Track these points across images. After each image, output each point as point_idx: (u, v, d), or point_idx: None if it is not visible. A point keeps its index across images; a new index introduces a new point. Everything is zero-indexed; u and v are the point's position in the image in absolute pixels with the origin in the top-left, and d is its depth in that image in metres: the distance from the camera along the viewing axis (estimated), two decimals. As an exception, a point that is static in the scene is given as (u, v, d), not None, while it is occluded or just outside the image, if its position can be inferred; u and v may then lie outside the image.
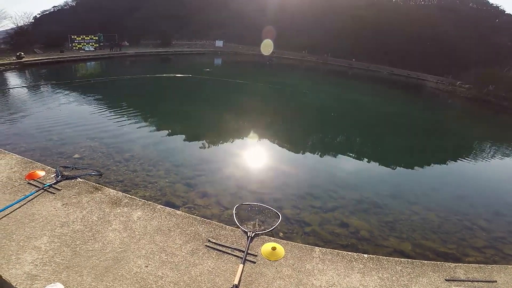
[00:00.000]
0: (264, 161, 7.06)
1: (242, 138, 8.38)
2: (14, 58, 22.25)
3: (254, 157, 7.21)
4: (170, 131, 8.46)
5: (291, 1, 51.25)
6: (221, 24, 47.87)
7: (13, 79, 16.70)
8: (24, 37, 30.82)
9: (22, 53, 23.04)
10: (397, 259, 2.96)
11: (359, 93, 20.99)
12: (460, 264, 3.03)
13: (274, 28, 44.85)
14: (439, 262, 2.98)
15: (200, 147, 7.52)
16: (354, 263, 2.82)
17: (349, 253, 2.98)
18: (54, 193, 3.57)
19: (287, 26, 46.66)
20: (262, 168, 6.63)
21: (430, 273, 2.83)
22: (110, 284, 2.34)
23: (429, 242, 4.27)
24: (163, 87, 16.13)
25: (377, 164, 7.53)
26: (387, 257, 2.98)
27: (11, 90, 12.80)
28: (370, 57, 40.84)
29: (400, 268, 2.81)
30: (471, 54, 38.27)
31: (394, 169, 7.33)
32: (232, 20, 46.68)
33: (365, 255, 2.95)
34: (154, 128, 8.63)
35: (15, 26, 33.32)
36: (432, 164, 8.23)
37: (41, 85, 14.19)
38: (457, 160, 8.79)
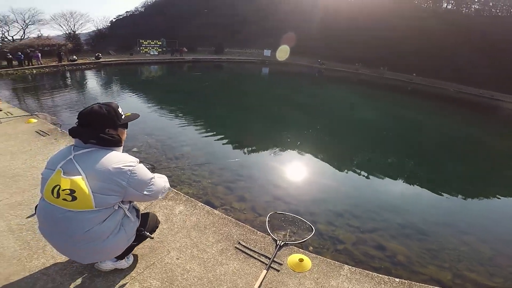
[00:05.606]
0: (304, 173, 7.03)
1: (285, 149, 8.44)
2: (93, 58, 26.10)
3: (295, 168, 7.22)
4: (218, 135, 8.91)
5: (344, 11, 49.88)
6: (269, 33, 48.76)
7: (92, 76, 19.12)
8: (103, 40, 35.75)
9: (100, 54, 26.79)
10: (431, 287, 2.76)
11: (418, 111, 19.61)
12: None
13: (324, 39, 44.09)
14: (476, 295, 2.73)
15: (243, 154, 7.79)
16: (383, 285, 2.71)
17: (380, 275, 2.86)
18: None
19: (339, 37, 45.49)
20: (301, 180, 6.62)
21: (467, 308, 2.60)
22: (141, 271, 2.55)
23: (473, 274, 3.88)
24: (221, 94, 17.01)
25: (430, 189, 6.96)
26: (420, 284, 2.79)
27: (89, 85, 14.62)
28: (434, 73, 37.89)
29: (432, 297, 2.63)
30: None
31: (448, 197, 6.72)
32: (280, 30, 47.20)
33: (397, 279, 2.80)
34: (205, 131, 9.17)
35: (95, 29, 38.82)
36: (494, 195, 7.37)
37: (115, 83, 15.95)
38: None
